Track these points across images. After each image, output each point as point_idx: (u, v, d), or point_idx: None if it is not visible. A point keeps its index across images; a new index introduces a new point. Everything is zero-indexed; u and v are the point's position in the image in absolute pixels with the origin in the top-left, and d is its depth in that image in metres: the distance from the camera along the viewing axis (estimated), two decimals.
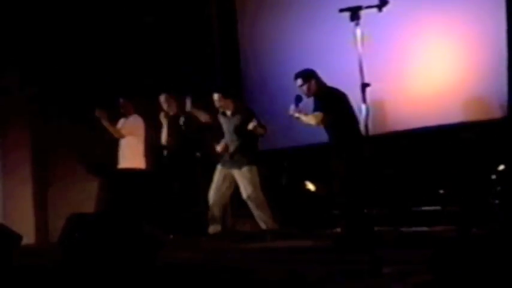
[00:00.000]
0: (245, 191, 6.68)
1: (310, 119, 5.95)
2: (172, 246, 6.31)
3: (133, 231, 4.44)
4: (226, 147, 6.81)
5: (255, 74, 8.44)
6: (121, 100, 7.73)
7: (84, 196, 8.09)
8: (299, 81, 6.06)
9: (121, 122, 7.81)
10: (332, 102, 5.94)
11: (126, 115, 7.77)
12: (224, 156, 6.85)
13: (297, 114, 6.03)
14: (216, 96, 6.88)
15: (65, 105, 8.05)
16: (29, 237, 7.21)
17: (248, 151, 6.75)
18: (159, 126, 7.52)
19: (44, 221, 8.10)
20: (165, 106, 7.47)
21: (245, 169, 6.69)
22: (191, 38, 8.59)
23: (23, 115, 8.14)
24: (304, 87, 6.04)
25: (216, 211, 6.81)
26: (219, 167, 6.88)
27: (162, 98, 7.49)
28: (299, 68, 6.28)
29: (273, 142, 7.31)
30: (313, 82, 6.05)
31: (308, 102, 6.12)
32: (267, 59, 8.25)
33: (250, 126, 6.60)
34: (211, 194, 6.82)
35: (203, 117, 7.11)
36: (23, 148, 8.12)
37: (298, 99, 6.03)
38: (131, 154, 7.62)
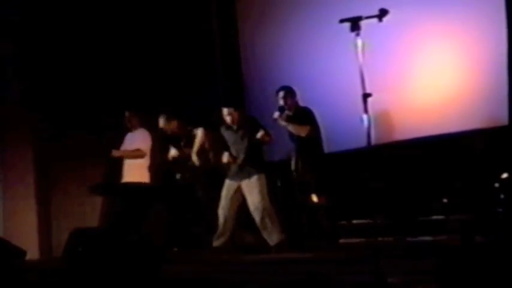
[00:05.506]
0: (253, 201, 6.51)
1: (300, 130, 6.58)
2: (176, 259, 6.31)
3: (137, 244, 4.43)
4: (233, 158, 6.66)
5: (257, 85, 8.46)
6: (126, 113, 7.41)
7: (87, 209, 8.08)
8: (282, 93, 6.69)
9: (128, 137, 7.51)
10: (315, 118, 6.63)
11: (131, 129, 7.47)
12: (232, 169, 6.71)
13: (283, 123, 6.60)
14: (226, 110, 6.69)
15: (67, 118, 8.02)
16: (32, 252, 7.19)
17: (256, 160, 6.63)
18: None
19: (48, 235, 8.07)
20: (167, 128, 7.43)
21: (254, 178, 6.53)
22: (193, 50, 8.63)
23: (24, 128, 8.11)
24: (288, 100, 6.67)
25: (226, 226, 6.63)
26: (227, 182, 6.71)
27: (162, 121, 7.43)
28: (301, 79, 6.84)
29: (275, 153, 7.30)
30: (294, 98, 6.70)
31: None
32: (269, 70, 8.27)
33: (259, 135, 6.49)
34: (221, 210, 6.64)
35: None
36: (25, 162, 8.09)
37: (281, 109, 6.63)
38: (136, 168, 7.32)
